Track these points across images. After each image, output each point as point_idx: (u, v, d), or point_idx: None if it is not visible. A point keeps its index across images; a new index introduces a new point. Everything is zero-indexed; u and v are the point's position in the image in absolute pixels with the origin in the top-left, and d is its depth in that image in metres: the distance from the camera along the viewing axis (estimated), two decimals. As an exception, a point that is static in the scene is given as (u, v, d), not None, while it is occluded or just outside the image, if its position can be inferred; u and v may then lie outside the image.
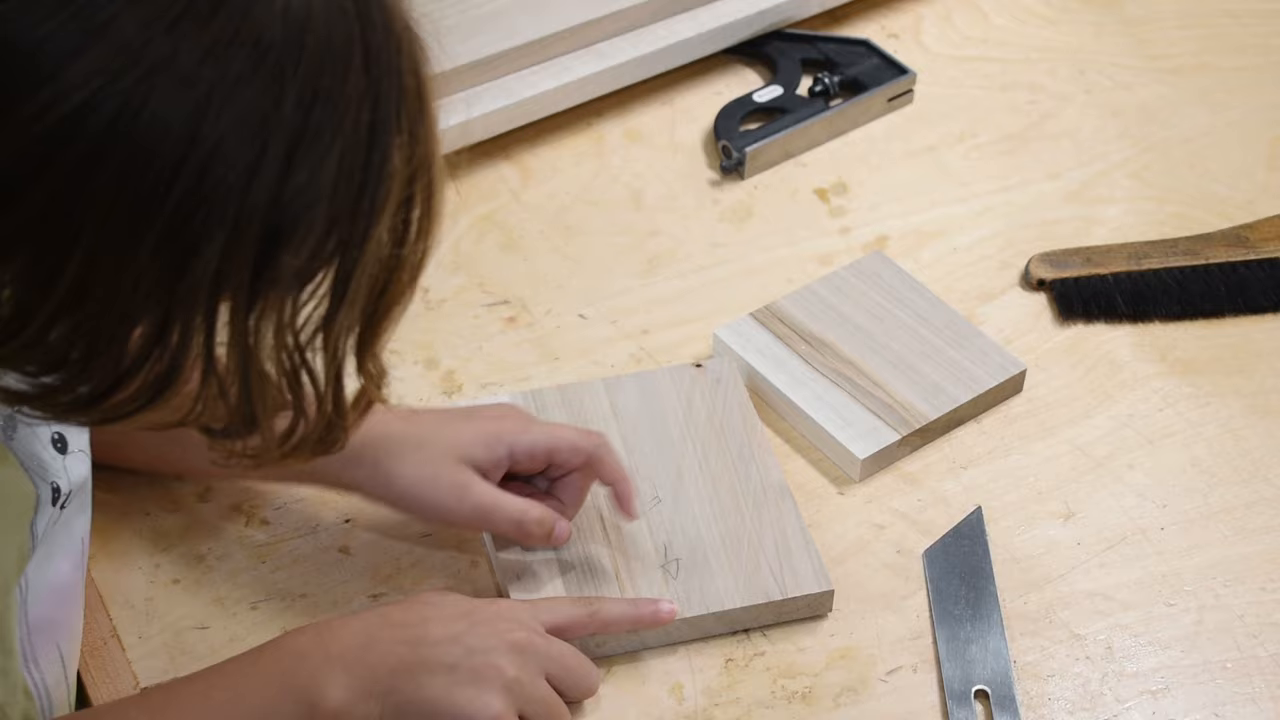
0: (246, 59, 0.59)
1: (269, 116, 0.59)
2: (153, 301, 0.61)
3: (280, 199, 0.60)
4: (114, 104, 0.57)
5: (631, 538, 0.96)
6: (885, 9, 1.40)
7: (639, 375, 1.05)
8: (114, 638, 0.92)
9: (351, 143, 0.62)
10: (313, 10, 0.60)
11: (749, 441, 1.02)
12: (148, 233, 0.59)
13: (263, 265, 0.61)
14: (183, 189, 0.59)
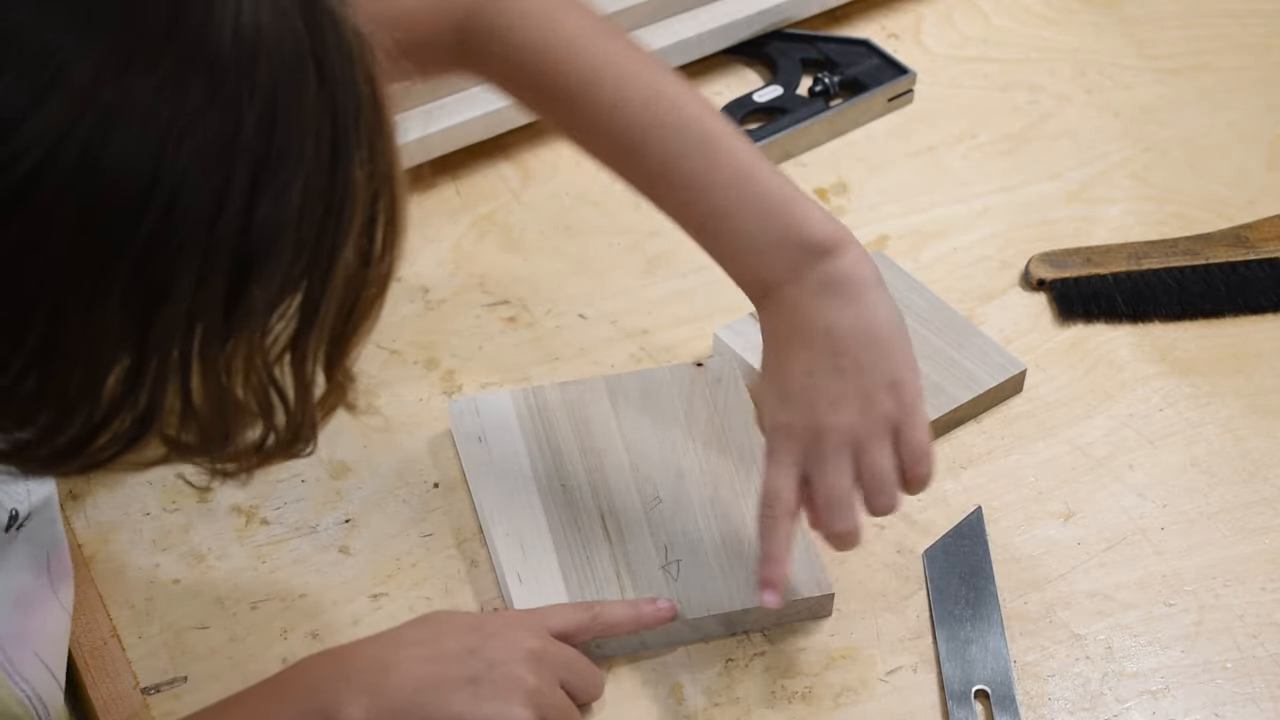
0: (201, 88, 0.57)
1: (229, 145, 0.57)
2: (125, 348, 0.59)
3: (248, 230, 0.58)
4: (71, 155, 0.55)
5: (633, 539, 0.96)
6: (885, 9, 1.40)
7: (640, 374, 1.05)
8: (114, 638, 0.92)
9: (314, 164, 0.60)
10: (261, 29, 0.58)
11: (750, 442, 1.02)
12: (114, 281, 0.57)
13: (234, 299, 0.60)
14: (147, 232, 0.56)
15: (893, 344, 0.88)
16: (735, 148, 0.89)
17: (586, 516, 0.97)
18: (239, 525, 0.98)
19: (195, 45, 0.57)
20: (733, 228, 0.89)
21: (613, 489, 0.98)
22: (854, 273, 0.88)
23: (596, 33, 0.91)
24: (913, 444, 0.87)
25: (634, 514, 0.97)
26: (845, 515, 0.88)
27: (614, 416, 1.03)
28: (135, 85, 0.56)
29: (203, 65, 0.57)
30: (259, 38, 0.58)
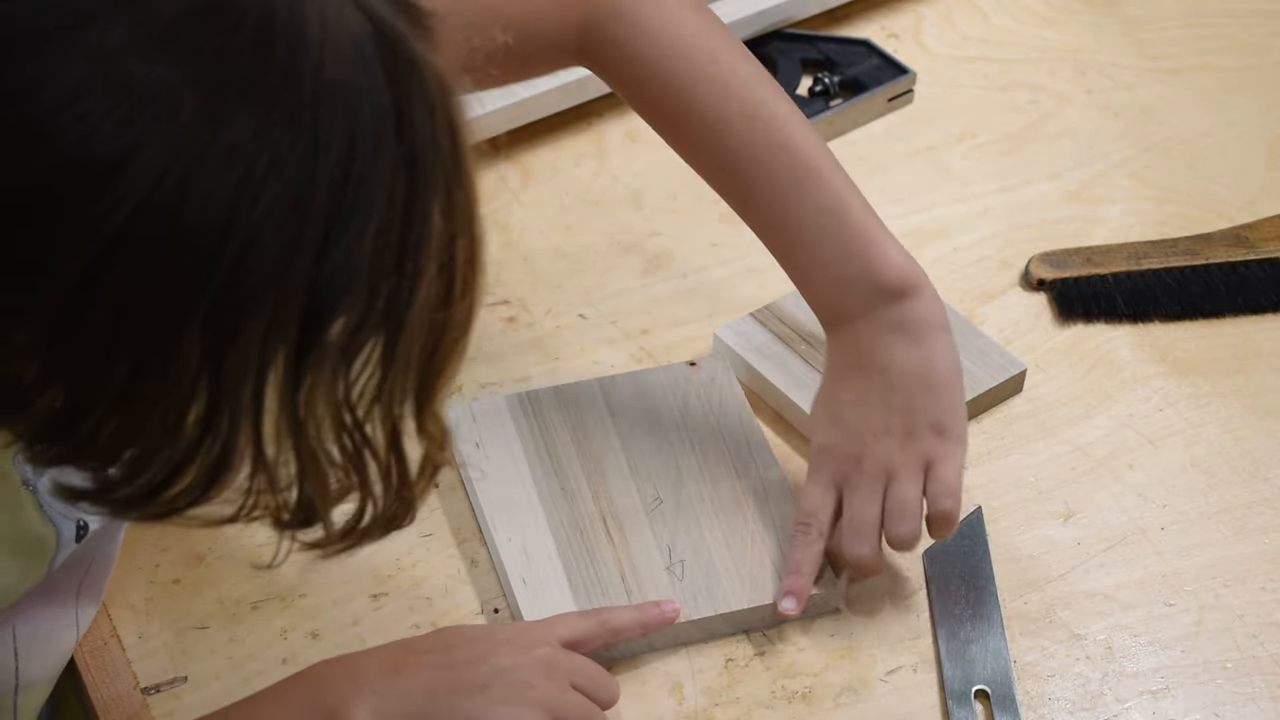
0: (282, 139, 0.57)
1: (304, 195, 0.57)
2: (199, 390, 0.59)
3: (319, 278, 0.58)
4: (165, 197, 0.56)
5: (635, 540, 0.96)
6: (885, 9, 1.40)
7: (634, 375, 1.05)
8: (114, 638, 0.92)
9: (388, 215, 0.60)
10: (343, 84, 0.58)
11: (747, 440, 1.02)
12: (192, 321, 0.57)
13: (307, 344, 0.59)
14: (223, 275, 0.57)
15: (945, 389, 0.92)
16: (826, 178, 0.92)
17: (588, 519, 0.97)
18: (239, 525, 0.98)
19: (278, 93, 0.57)
20: (812, 259, 0.93)
21: (612, 491, 0.98)
22: (922, 316, 0.92)
23: (708, 49, 0.94)
24: (941, 479, 0.91)
25: (635, 515, 0.97)
26: (864, 541, 0.92)
27: (610, 418, 1.02)
28: (229, 130, 0.56)
29: (284, 115, 0.57)
30: (339, 91, 0.58)
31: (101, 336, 0.57)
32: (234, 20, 0.56)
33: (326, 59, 0.58)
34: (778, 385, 1.05)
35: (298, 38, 0.57)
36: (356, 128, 0.58)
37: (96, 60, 0.55)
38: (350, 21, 0.59)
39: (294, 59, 0.57)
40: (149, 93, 0.55)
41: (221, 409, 0.59)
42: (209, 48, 0.56)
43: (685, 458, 1.01)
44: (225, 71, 0.56)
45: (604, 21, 0.94)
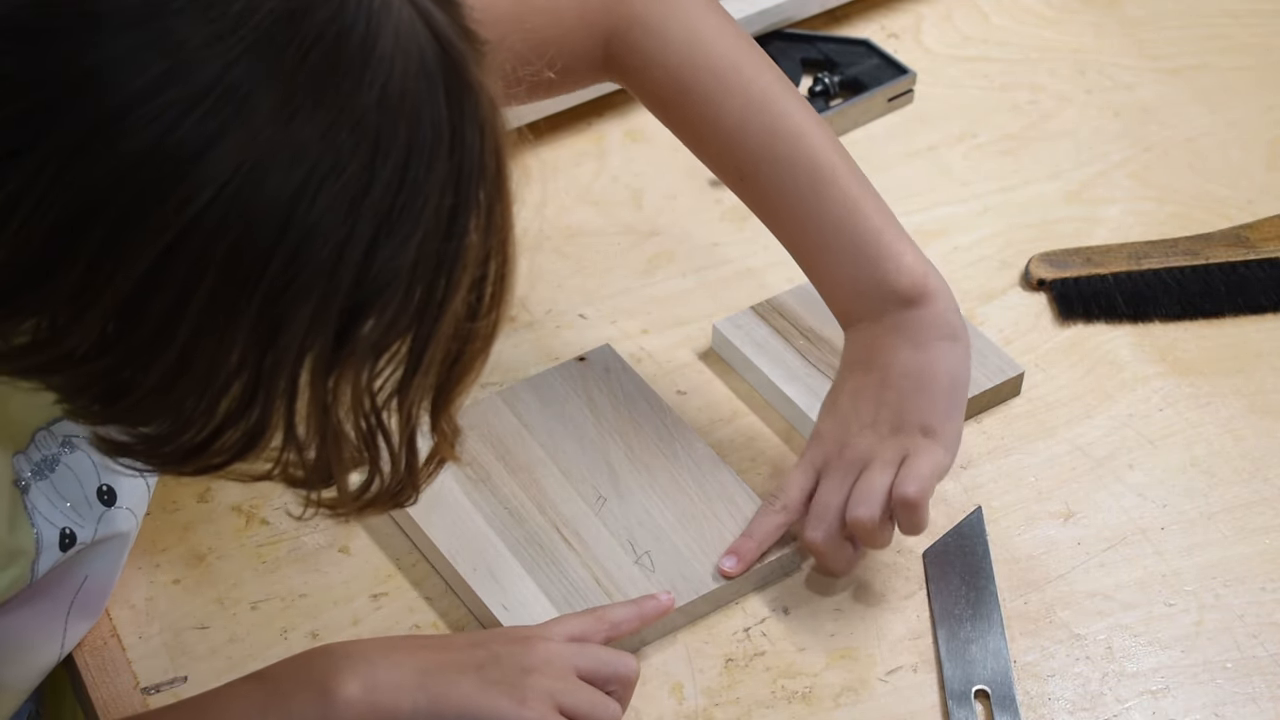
0: (346, 141, 0.60)
1: (359, 197, 0.60)
2: (244, 369, 0.62)
3: (363, 277, 0.61)
4: (237, 189, 0.58)
5: (596, 543, 0.96)
6: (885, 9, 1.40)
7: (531, 381, 1.05)
8: (114, 638, 0.92)
9: (433, 225, 0.63)
10: (406, 95, 0.61)
11: (663, 422, 1.03)
12: (246, 310, 0.60)
13: (344, 337, 0.63)
14: (278, 265, 0.60)
15: (941, 394, 0.92)
16: (844, 187, 0.93)
17: (542, 532, 0.97)
18: (239, 525, 0.98)
19: (348, 98, 0.60)
20: (829, 266, 0.95)
21: (555, 499, 0.98)
22: (929, 323, 0.93)
23: (732, 60, 0.95)
24: (910, 467, 0.91)
25: (585, 518, 0.97)
26: (820, 525, 0.93)
27: (525, 430, 1.02)
28: (301, 129, 0.59)
29: (350, 119, 0.60)
30: (403, 103, 0.61)
31: (163, 316, 0.60)
32: (314, 28, 0.59)
33: (395, 72, 0.61)
34: (775, 379, 1.06)
35: (371, 49, 0.60)
36: (415, 139, 0.62)
37: (177, 57, 0.57)
38: (420, 38, 0.62)
39: (365, 69, 0.60)
40: (229, 90, 0.58)
41: (260, 386, 0.62)
42: (288, 52, 0.59)
43: (611, 451, 1.01)
44: (302, 75, 0.59)
45: (629, 31, 0.95)
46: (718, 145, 0.96)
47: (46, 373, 0.63)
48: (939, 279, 0.94)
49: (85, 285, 0.59)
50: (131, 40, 0.57)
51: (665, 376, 1.09)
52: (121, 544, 0.87)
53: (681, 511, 0.98)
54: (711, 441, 1.03)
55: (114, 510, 0.84)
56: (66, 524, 0.81)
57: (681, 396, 1.07)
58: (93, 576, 0.86)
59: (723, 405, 1.07)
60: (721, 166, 0.98)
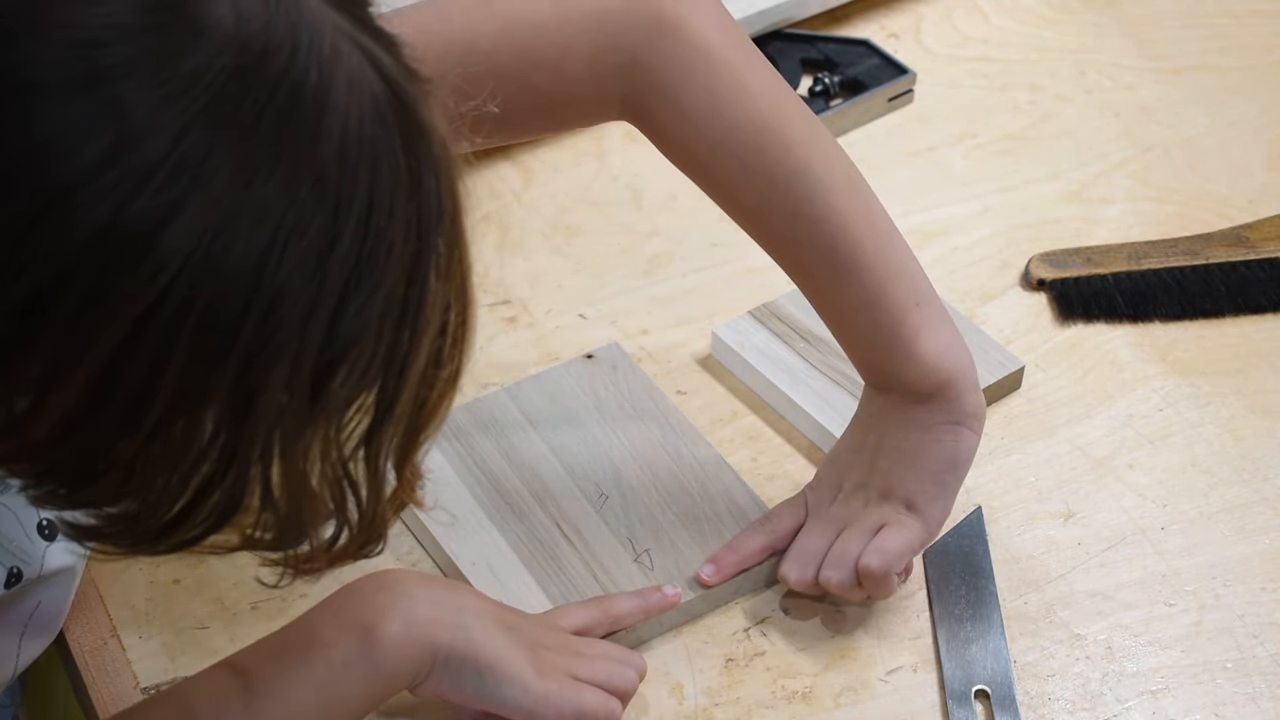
0: (308, 196, 0.58)
1: (325, 255, 0.58)
2: (219, 439, 0.60)
3: (334, 333, 0.59)
4: (201, 261, 0.56)
5: (596, 540, 0.96)
6: (885, 9, 1.40)
7: (537, 377, 1.06)
8: (114, 638, 0.92)
9: (398, 273, 0.61)
10: (364, 143, 0.59)
11: (667, 420, 1.03)
12: (220, 377, 0.58)
13: (316, 394, 0.60)
14: (250, 331, 0.57)
15: (932, 475, 0.92)
16: (865, 272, 0.90)
17: (542, 528, 0.97)
18: (239, 525, 0.98)
19: (307, 152, 0.58)
20: (847, 343, 0.94)
21: (557, 496, 0.99)
22: (939, 409, 0.92)
23: (754, 140, 0.90)
24: (881, 540, 0.92)
25: (587, 516, 0.97)
26: (794, 567, 0.94)
27: (530, 427, 1.02)
28: (260, 191, 0.57)
29: (310, 173, 0.58)
30: (361, 151, 0.59)
31: (132, 395, 0.57)
32: (268, 83, 0.57)
33: (351, 120, 0.59)
34: (776, 383, 1.06)
35: (325, 99, 0.58)
36: (376, 187, 0.59)
37: (127, 125, 0.55)
38: (371, 83, 0.60)
39: (321, 120, 0.58)
40: (185, 158, 0.55)
41: (236, 455, 0.60)
42: (244, 111, 0.56)
43: (615, 449, 1.01)
44: (259, 134, 0.57)
45: (646, 99, 0.91)
46: (740, 219, 0.94)
47: (5, 460, 0.61)
48: (957, 361, 0.92)
49: (49, 368, 0.57)
50: (78, 109, 0.55)
51: (665, 376, 1.09)
52: (70, 575, 0.86)
53: (684, 512, 0.98)
54: (712, 441, 1.03)
55: (58, 542, 0.83)
56: (14, 563, 0.80)
57: (682, 396, 1.07)
58: (46, 602, 0.85)
59: (723, 405, 1.07)
60: (749, 233, 0.95)
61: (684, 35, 0.89)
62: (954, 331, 0.92)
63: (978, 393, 0.92)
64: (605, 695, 0.86)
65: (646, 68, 0.89)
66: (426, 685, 0.83)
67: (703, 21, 0.90)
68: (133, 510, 0.61)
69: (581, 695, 0.85)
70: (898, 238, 0.92)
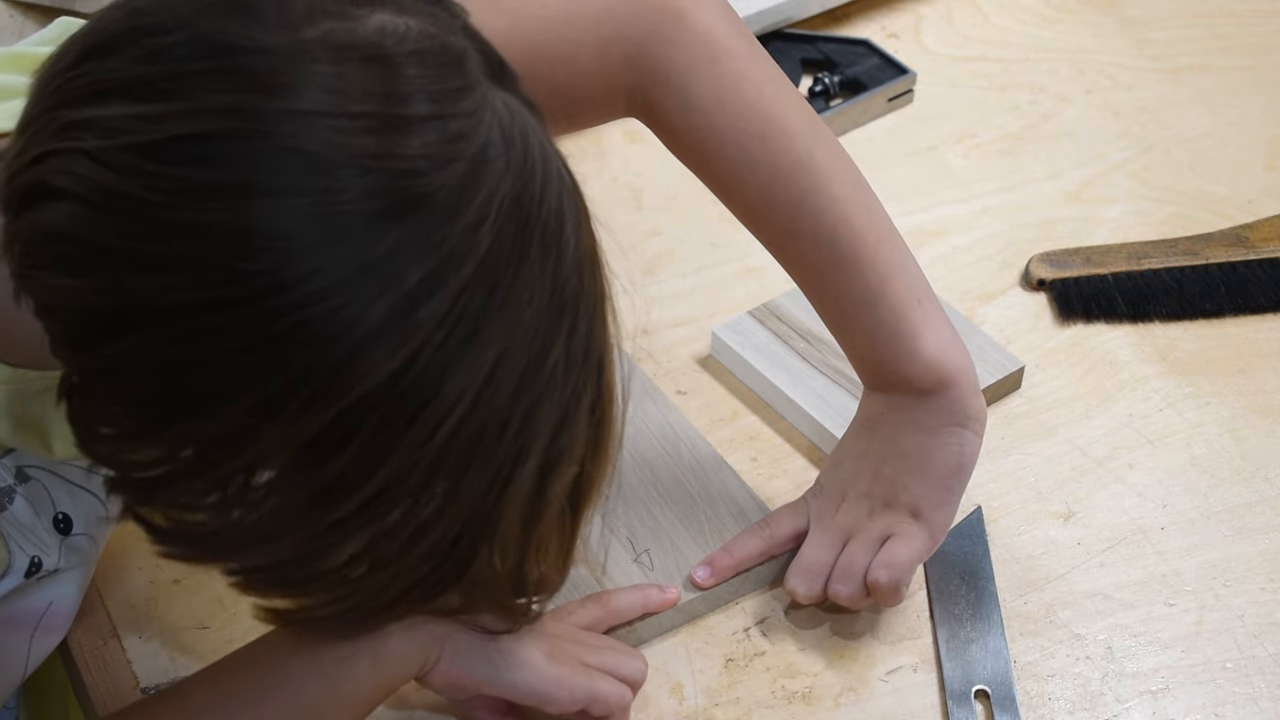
0: (555, 314, 0.65)
1: (569, 363, 0.66)
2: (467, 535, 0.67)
3: (565, 429, 0.67)
4: (477, 399, 0.62)
5: (596, 539, 0.96)
6: (885, 9, 1.40)
7: None
8: (114, 638, 0.92)
9: (596, 359, 0.68)
10: (581, 243, 0.65)
11: (668, 421, 1.03)
12: (478, 488, 0.65)
13: (545, 484, 0.68)
14: (508, 445, 0.64)
15: (937, 480, 0.92)
16: (867, 266, 0.91)
17: None
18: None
19: (555, 269, 0.64)
20: (847, 341, 0.94)
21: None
22: (941, 409, 0.91)
23: (758, 129, 0.91)
24: (889, 552, 0.92)
25: None
26: (800, 580, 0.94)
27: None
28: (526, 321, 0.63)
29: (557, 289, 0.64)
30: (581, 249, 0.66)
31: (436, 530, 0.66)
32: (538, 221, 0.63)
33: (572, 226, 0.65)
34: (776, 383, 1.06)
35: (561, 210, 0.65)
36: (595, 288, 0.67)
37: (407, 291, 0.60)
38: (564, 175, 0.66)
39: (562, 233, 0.64)
40: (464, 313, 0.61)
41: (477, 555, 0.69)
42: (517, 249, 0.62)
43: None
44: (527, 265, 0.63)
45: (651, 89, 0.91)
46: (741, 211, 0.94)
47: (340, 605, 0.71)
48: (959, 361, 0.91)
49: (366, 520, 0.64)
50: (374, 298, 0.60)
51: (665, 376, 1.09)
52: (83, 570, 0.86)
53: (684, 513, 0.98)
54: (712, 441, 1.03)
55: (73, 538, 0.83)
56: (35, 552, 0.81)
57: (682, 396, 1.07)
58: (58, 602, 0.85)
59: (723, 405, 1.07)
60: (747, 226, 0.95)
61: (689, 24, 0.90)
62: (954, 332, 0.92)
63: (979, 396, 0.92)
64: (617, 681, 0.86)
65: (653, 57, 0.90)
66: (436, 672, 0.83)
67: (707, 11, 0.90)
68: (372, 599, 0.70)
69: (594, 679, 0.85)
70: (897, 236, 0.92)
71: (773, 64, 0.92)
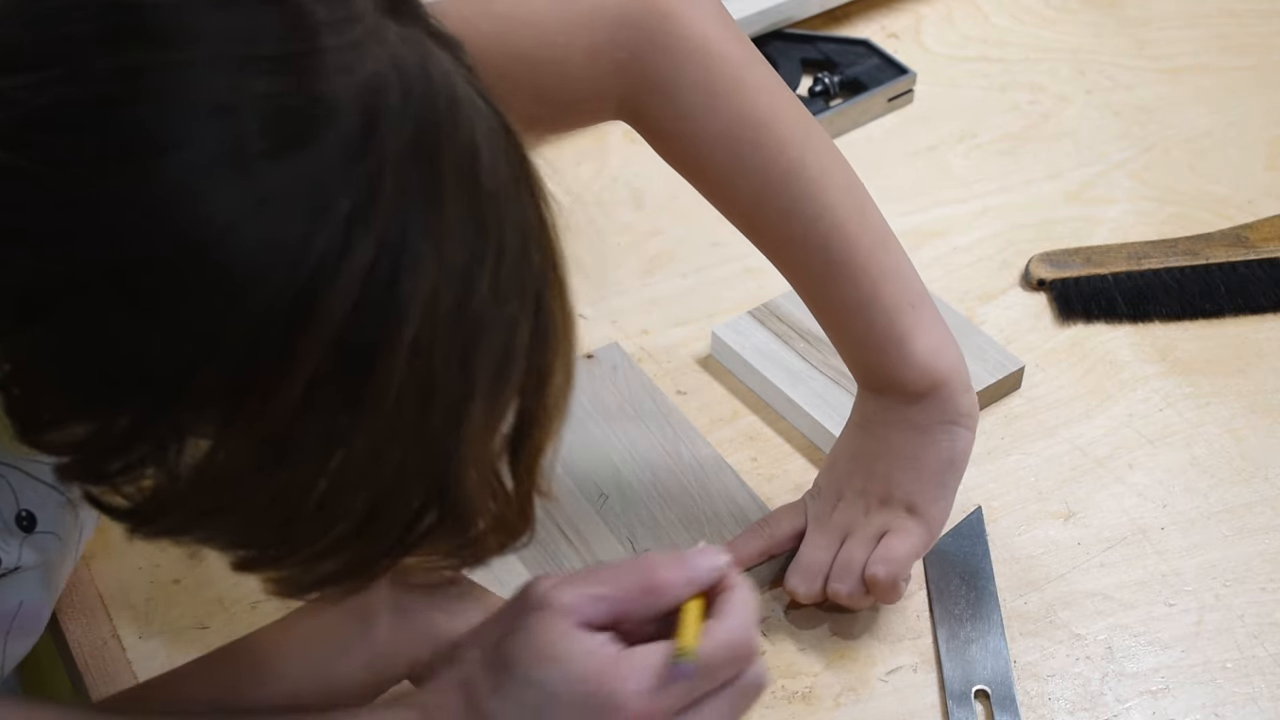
0: (479, 238, 0.62)
1: (499, 282, 0.63)
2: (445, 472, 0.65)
3: (509, 358, 0.65)
4: (433, 322, 0.61)
5: (596, 540, 0.96)
6: (885, 9, 1.40)
7: None
8: (114, 638, 0.92)
9: (541, 282, 0.67)
10: (501, 176, 0.64)
11: (668, 420, 1.03)
12: (436, 417, 0.62)
13: (494, 415, 0.66)
14: (455, 373, 0.62)
15: (931, 475, 0.92)
16: (858, 272, 0.91)
17: (542, 528, 0.96)
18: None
19: (472, 199, 0.62)
20: (841, 343, 0.94)
21: (557, 496, 0.98)
22: (934, 408, 0.91)
23: (750, 136, 0.90)
24: (886, 547, 0.92)
25: (588, 516, 0.98)
26: (800, 580, 0.94)
27: None
28: (452, 248, 0.61)
29: (478, 216, 0.63)
30: (501, 181, 0.64)
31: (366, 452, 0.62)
32: (443, 155, 0.61)
33: (488, 155, 0.63)
34: (776, 383, 1.06)
35: (475, 140, 0.63)
36: (518, 213, 0.65)
37: (337, 226, 0.59)
38: (490, 118, 0.64)
39: (478, 162, 0.63)
40: (391, 244, 0.59)
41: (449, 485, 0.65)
42: (429, 179, 0.61)
43: (615, 450, 1.01)
44: (445, 204, 0.61)
45: (643, 96, 0.91)
46: (735, 218, 0.94)
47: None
48: (950, 363, 0.91)
49: (328, 447, 0.61)
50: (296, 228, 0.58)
51: (665, 376, 1.09)
52: (50, 569, 0.85)
53: (684, 513, 0.98)
54: (712, 441, 1.03)
55: (37, 535, 0.83)
56: None
57: (682, 396, 1.07)
58: (27, 601, 0.84)
59: (723, 405, 1.07)
60: (743, 233, 0.95)
61: (681, 30, 0.89)
62: (946, 333, 0.92)
63: (970, 393, 0.92)
64: None
65: (644, 64, 0.89)
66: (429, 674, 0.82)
67: (700, 17, 0.90)
68: (353, 559, 0.66)
69: None
70: (892, 239, 0.92)
71: (767, 69, 0.92)
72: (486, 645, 0.77)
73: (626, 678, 0.71)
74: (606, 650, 0.72)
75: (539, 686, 0.72)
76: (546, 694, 0.72)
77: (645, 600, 0.74)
